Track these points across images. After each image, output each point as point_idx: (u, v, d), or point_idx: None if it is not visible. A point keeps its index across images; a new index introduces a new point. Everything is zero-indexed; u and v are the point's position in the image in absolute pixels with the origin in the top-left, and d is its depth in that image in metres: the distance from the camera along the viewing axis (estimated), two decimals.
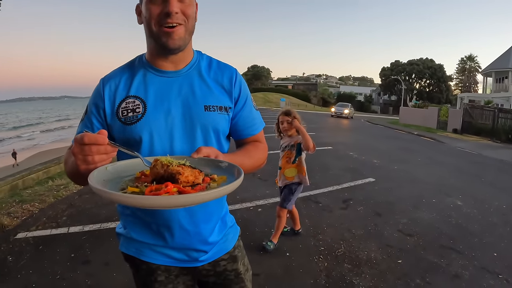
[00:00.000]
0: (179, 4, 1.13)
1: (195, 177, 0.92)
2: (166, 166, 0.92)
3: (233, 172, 0.99)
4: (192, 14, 1.19)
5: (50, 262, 3.64)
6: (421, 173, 8.64)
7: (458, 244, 4.37)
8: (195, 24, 1.24)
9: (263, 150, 1.46)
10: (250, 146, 1.42)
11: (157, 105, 1.23)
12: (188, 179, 0.90)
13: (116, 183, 0.95)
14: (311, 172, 7.80)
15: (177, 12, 1.12)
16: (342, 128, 21.05)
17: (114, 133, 1.25)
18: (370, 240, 4.36)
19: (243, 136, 1.44)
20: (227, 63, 1.43)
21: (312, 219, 4.95)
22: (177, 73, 1.29)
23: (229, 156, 1.21)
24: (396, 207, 5.74)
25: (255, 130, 1.46)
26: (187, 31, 1.19)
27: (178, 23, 1.14)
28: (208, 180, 0.95)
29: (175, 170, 0.90)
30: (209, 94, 1.29)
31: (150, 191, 0.83)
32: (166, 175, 0.91)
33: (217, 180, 0.97)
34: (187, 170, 0.91)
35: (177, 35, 1.15)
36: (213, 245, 1.37)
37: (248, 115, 1.41)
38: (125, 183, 0.97)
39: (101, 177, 0.92)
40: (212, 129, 1.28)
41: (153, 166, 0.95)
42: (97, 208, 5.16)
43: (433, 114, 25.68)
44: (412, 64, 65.40)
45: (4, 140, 39.38)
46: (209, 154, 1.09)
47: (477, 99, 34.26)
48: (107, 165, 0.99)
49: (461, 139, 18.46)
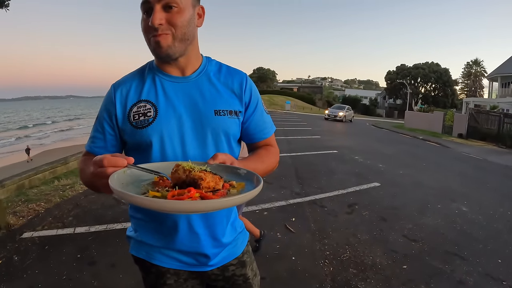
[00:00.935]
0: (164, 15, 1.15)
1: (216, 183, 0.93)
2: (188, 171, 0.94)
3: (252, 179, 1.01)
4: (182, 22, 1.19)
5: (56, 262, 3.67)
6: (426, 178, 8.64)
7: (463, 250, 4.38)
8: (190, 31, 1.24)
9: (275, 154, 1.48)
10: (262, 150, 1.44)
11: (168, 109, 1.25)
12: (209, 185, 0.91)
13: (135, 187, 0.97)
14: (316, 176, 7.90)
15: (161, 23, 1.14)
16: (346, 132, 21.02)
17: (126, 138, 1.28)
18: (375, 245, 4.39)
19: (255, 140, 1.46)
20: (237, 68, 1.45)
21: (318, 223, 4.98)
22: (187, 79, 1.31)
23: (243, 162, 1.23)
24: (401, 212, 5.76)
25: (267, 134, 1.48)
26: (176, 39, 1.20)
27: (163, 33, 1.17)
28: (227, 186, 0.97)
29: (197, 175, 0.91)
30: (219, 98, 1.31)
31: (172, 196, 0.85)
32: (188, 180, 0.93)
33: (236, 187, 0.98)
34: (209, 176, 0.92)
35: (164, 43, 1.17)
36: (222, 250, 1.39)
37: (259, 119, 1.44)
38: (145, 187, 0.98)
39: (120, 180, 0.94)
40: (223, 133, 1.30)
41: (175, 171, 0.97)
42: (103, 209, 5.21)
43: (438, 119, 25.58)
44: (417, 68, 65.17)
45: (19, 138, 39.60)
46: (225, 160, 1.11)
47: (483, 104, 34.11)
48: (124, 168, 1.00)
49: (466, 144, 18.42)
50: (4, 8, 6.91)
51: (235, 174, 1.08)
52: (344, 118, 32.42)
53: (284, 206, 5.70)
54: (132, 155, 1.27)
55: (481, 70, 66.64)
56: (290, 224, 4.88)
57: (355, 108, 70.71)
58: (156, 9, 1.13)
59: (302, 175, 8.00)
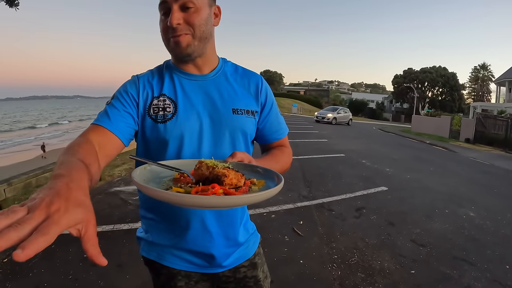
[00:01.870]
0: (181, 15, 1.17)
1: (238, 180, 0.94)
2: (212, 168, 0.95)
3: (272, 177, 1.03)
4: (199, 22, 1.20)
5: (62, 261, 3.69)
6: (434, 183, 8.62)
7: (471, 256, 4.38)
8: (208, 29, 1.26)
9: (288, 155, 1.49)
10: (276, 151, 1.45)
11: (187, 106, 1.26)
12: (232, 182, 0.92)
13: (157, 183, 0.98)
14: (324, 179, 7.91)
15: (179, 23, 1.16)
16: (354, 136, 20.97)
17: (145, 130, 1.27)
18: (383, 249, 4.40)
19: (269, 141, 1.48)
20: (252, 70, 1.48)
21: (326, 227, 4.99)
22: (205, 77, 1.33)
23: (259, 161, 1.24)
24: (409, 216, 5.76)
25: (281, 135, 1.51)
26: (195, 38, 1.21)
27: (183, 33, 1.18)
28: (248, 183, 0.98)
29: (221, 172, 0.92)
30: (237, 98, 1.33)
31: (196, 192, 0.85)
32: (211, 177, 0.94)
33: (257, 184, 0.99)
34: (232, 173, 0.93)
35: (184, 43, 1.19)
36: (234, 251, 1.40)
37: (274, 119, 1.46)
38: (166, 183, 1.00)
39: (141, 176, 0.95)
40: (240, 132, 1.32)
41: (198, 168, 0.98)
42: (110, 209, 5.25)
43: (445, 123, 25.46)
44: (425, 72, 64.92)
45: (37, 136, 39.90)
46: (243, 158, 1.12)
47: (490, 109, 33.87)
48: (145, 165, 1.02)
49: (473, 149, 18.32)
50: (14, 7, 6.97)
51: (254, 172, 1.10)
52: (335, 121, 30.50)
53: (292, 209, 5.71)
54: (147, 149, 1.30)
55: (489, 74, 66.27)
56: (298, 227, 4.89)
57: (362, 112, 70.56)
58: (174, 9, 1.15)
59: (310, 178, 8.01)
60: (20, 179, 4.66)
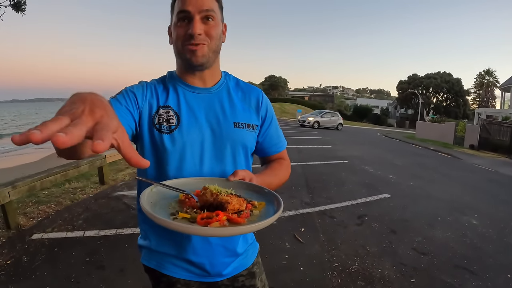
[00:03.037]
0: (202, 26, 1.21)
1: (240, 205, 0.99)
2: (215, 195, 1.00)
3: (272, 200, 1.08)
4: (216, 35, 1.26)
5: (64, 265, 3.73)
6: (437, 190, 8.60)
7: (472, 265, 4.37)
8: (220, 44, 1.32)
9: (287, 167, 1.55)
10: (276, 164, 1.51)
11: (190, 119, 1.28)
12: (234, 207, 0.97)
13: (164, 206, 1.02)
14: (326, 186, 7.90)
15: (200, 33, 1.20)
16: (358, 142, 20.95)
17: (148, 139, 1.27)
18: (384, 257, 4.39)
19: (269, 154, 1.53)
20: (253, 85, 1.51)
21: (327, 234, 4.99)
22: (208, 90, 1.35)
23: (259, 176, 1.30)
24: (411, 224, 5.74)
25: (280, 148, 1.55)
26: (210, 50, 1.25)
27: (201, 43, 1.22)
28: (250, 206, 1.03)
29: (224, 199, 0.98)
30: (238, 112, 1.36)
31: (202, 219, 0.91)
32: (215, 203, 0.99)
33: (258, 207, 1.04)
34: (234, 200, 0.99)
35: (200, 52, 1.22)
36: (234, 261, 1.41)
37: (274, 133, 1.50)
38: (172, 206, 1.03)
39: (149, 199, 1.00)
40: (241, 146, 1.35)
41: (203, 194, 1.03)
42: (113, 213, 5.28)
43: (450, 129, 25.36)
44: (429, 78, 64.73)
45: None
46: (244, 177, 1.18)
47: (495, 115, 33.75)
48: (151, 186, 1.07)
49: (477, 156, 18.24)
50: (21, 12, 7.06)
51: (255, 192, 1.16)
52: (317, 124, 28.98)
53: (294, 215, 5.72)
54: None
55: (494, 80, 65.94)
56: (299, 234, 4.90)
57: (366, 118, 70.38)
58: (196, 19, 1.20)
59: (312, 184, 8.01)
60: (25, 182, 4.71)
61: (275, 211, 0.99)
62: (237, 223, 0.93)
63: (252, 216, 0.99)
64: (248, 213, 0.99)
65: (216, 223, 0.90)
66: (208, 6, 1.21)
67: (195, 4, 1.19)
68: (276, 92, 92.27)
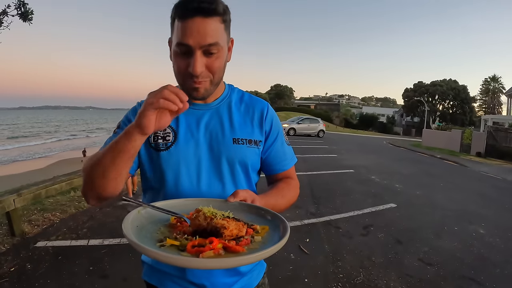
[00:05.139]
0: (204, 60, 1.12)
1: (239, 230, 0.89)
2: (209, 219, 0.89)
3: (277, 223, 0.97)
4: (220, 66, 1.18)
5: (68, 273, 3.76)
6: (444, 199, 8.53)
7: (480, 275, 4.31)
8: (224, 70, 1.23)
9: (295, 188, 1.44)
10: (282, 184, 1.40)
11: (187, 136, 1.25)
12: (232, 233, 0.87)
13: (151, 231, 0.92)
14: (332, 196, 7.87)
15: (202, 71, 1.12)
16: (363, 151, 20.88)
17: (144, 157, 1.26)
18: (390, 268, 4.35)
19: (274, 172, 1.43)
20: (259, 97, 1.44)
21: (332, 245, 4.97)
22: (208, 106, 1.31)
23: (263, 198, 1.22)
24: (417, 234, 5.70)
25: (286, 166, 1.45)
26: (212, 84, 1.20)
27: (203, 80, 1.16)
28: (251, 231, 0.92)
29: (220, 224, 0.87)
30: (238, 127, 1.31)
31: (193, 247, 0.81)
32: (210, 228, 0.88)
33: (260, 232, 0.94)
34: (232, 224, 0.88)
35: (202, 89, 1.17)
36: (238, 280, 1.33)
37: (279, 149, 1.41)
38: (161, 231, 0.93)
39: (134, 222, 0.91)
40: (239, 162, 1.28)
41: (195, 218, 0.92)
42: (118, 222, 5.22)
43: (456, 137, 25.23)
44: (435, 85, 64.63)
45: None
46: (245, 198, 1.10)
47: (501, 121, 33.55)
48: (139, 208, 0.98)
49: (484, 163, 18.10)
50: (28, 22, 7.15)
51: (258, 215, 1.05)
52: (293, 131, 28.19)
53: (299, 226, 5.70)
54: (145, 177, 1.30)
55: (499, 86, 65.73)
56: (304, 245, 4.88)
57: (372, 126, 70.22)
58: (197, 55, 1.10)
59: (318, 194, 8.00)
60: (30, 190, 4.76)
61: (280, 237, 0.87)
62: (235, 251, 0.82)
63: (253, 243, 0.88)
64: (249, 240, 0.88)
65: (210, 252, 0.79)
66: (211, 40, 1.10)
67: (196, 35, 1.08)
68: (282, 101, 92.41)
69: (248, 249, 0.84)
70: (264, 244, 0.88)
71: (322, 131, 30.06)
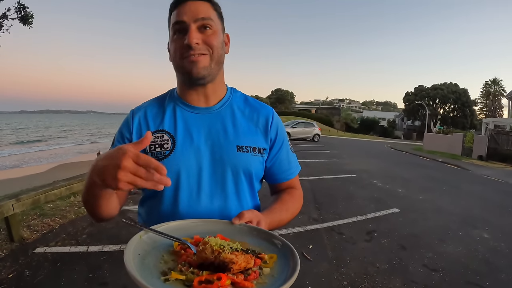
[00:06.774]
0: (199, 35, 1.13)
1: (248, 262, 0.84)
2: (217, 252, 0.83)
3: (285, 253, 0.93)
4: (218, 43, 1.18)
5: (67, 280, 3.72)
6: (447, 203, 8.49)
7: (485, 280, 4.27)
8: (223, 54, 1.23)
9: (299, 199, 1.41)
10: (286, 196, 1.37)
11: (186, 142, 1.20)
12: (241, 267, 0.83)
13: (154, 260, 0.88)
14: (334, 201, 7.83)
15: (198, 43, 1.12)
16: (365, 155, 20.85)
17: None
18: (395, 275, 4.31)
19: (278, 181, 1.39)
20: (264, 103, 1.40)
21: (335, 251, 4.92)
22: (209, 110, 1.26)
23: (269, 215, 1.19)
24: (421, 240, 5.66)
25: (291, 175, 1.41)
26: (212, 61, 1.17)
27: (201, 53, 1.14)
28: (258, 262, 0.88)
29: (229, 258, 0.82)
30: (243, 133, 1.25)
31: (200, 283, 0.76)
32: (217, 262, 0.83)
33: (269, 262, 0.90)
34: (241, 258, 0.83)
35: (201, 63, 1.14)
36: None
37: (284, 158, 1.36)
38: (165, 260, 0.89)
39: (136, 251, 0.87)
40: (243, 171, 1.23)
41: (201, 250, 0.86)
42: (118, 229, 5.25)
43: (458, 140, 25.18)
44: (436, 89, 64.56)
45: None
46: (251, 219, 1.07)
47: (502, 124, 33.50)
48: (141, 233, 0.94)
49: (486, 166, 18.06)
50: (28, 25, 7.15)
51: (265, 240, 1.01)
52: (288, 136, 27.55)
53: (302, 232, 5.66)
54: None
55: (500, 89, 65.73)
56: (307, 251, 4.83)
57: (373, 130, 70.19)
58: (192, 29, 1.12)
59: (320, 200, 7.96)
60: (29, 195, 4.73)
61: (290, 269, 0.85)
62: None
63: (262, 276, 0.84)
64: (257, 272, 0.84)
65: None
66: (204, 14, 1.14)
67: (189, 13, 1.13)
68: (283, 105, 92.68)
69: (257, 283, 0.81)
70: (273, 278, 0.84)
71: (317, 135, 29.62)
